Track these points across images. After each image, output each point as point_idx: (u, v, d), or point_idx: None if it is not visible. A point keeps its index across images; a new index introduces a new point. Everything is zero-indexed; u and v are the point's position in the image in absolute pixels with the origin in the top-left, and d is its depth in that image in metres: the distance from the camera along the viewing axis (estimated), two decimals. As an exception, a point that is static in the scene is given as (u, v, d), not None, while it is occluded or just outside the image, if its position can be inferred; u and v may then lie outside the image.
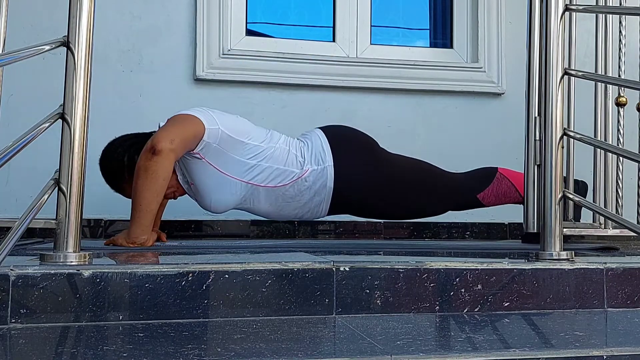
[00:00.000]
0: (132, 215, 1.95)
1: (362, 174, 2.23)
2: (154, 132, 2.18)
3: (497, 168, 2.36)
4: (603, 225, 2.12)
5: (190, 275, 1.31)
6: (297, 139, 2.28)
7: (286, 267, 1.37)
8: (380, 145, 2.35)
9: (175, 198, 2.23)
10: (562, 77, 1.62)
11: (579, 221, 2.31)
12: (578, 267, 1.50)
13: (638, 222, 2.12)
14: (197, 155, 2.07)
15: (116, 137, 2.23)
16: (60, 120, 1.38)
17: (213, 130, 2.06)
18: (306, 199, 2.21)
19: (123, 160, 2.16)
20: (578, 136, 1.66)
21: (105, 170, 2.19)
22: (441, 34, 3.28)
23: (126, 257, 1.58)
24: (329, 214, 2.31)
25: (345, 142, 2.27)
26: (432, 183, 2.32)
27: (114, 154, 2.18)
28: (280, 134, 2.25)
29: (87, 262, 1.34)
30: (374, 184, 2.24)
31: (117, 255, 1.62)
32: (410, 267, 1.42)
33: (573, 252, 1.59)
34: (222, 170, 2.11)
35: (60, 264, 1.32)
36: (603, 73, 2.13)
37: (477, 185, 2.33)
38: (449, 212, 2.47)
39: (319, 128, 2.32)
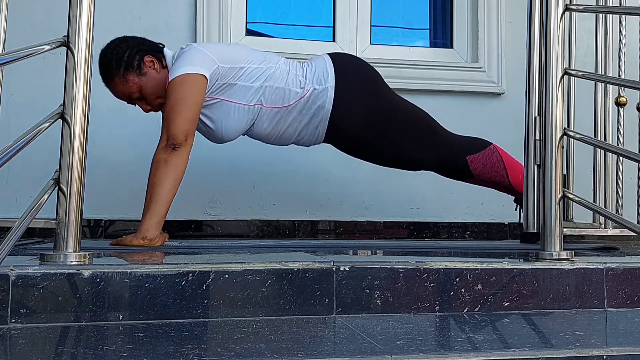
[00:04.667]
0: (147, 207, 1.95)
1: (361, 104, 2.20)
2: (161, 44, 2.21)
3: (492, 142, 2.36)
4: (603, 225, 2.13)
5: (190, 275, 1.31)
6: (300, 61, 2.27)
7: (286, 267, 1.37)
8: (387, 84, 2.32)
9: (146, 111, 2.21)
10: (562, 77, 1.62)
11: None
12: (578, 267, 1.50)
13: (638, 222, 2.13)
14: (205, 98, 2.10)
15: (124, 35, 2.21)
16: (60, 120, 1.38)
17: (213, 72, 2.09)
18: (306, 120, 2.19)
19: (123, 55, 2.13)
20: (578, 136, 1.66)
21: (103, 60, 2.15)
22: (441, 34, 3.28)
23: (129, 257, 1.58)
24: (325, 141, 2.28)
25: (351, 68, 2.25)
26: (427, 131, 2.29)
27: (116, 48, 2.15)
28: (280, 57, 2.25)
29: (87, 262, 1.34)
30: (372, 116, 2.21)
31: (120, 255, 1.62)
32: (410, 267, 1.42)
33: (573, 252, 1.59)
34: (229, 99, 2.13)
35: (60, 264, 1.31)
36: (603, 73, 2.14)
37: (468, 148, 2.31)
38: (449, 212, 2.47)
39: (328, 53, 2.31)
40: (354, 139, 2.26)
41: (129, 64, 2.12)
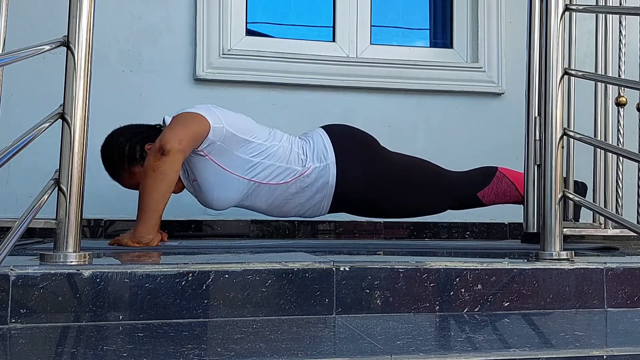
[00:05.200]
0: (139, 215, 1.96)
1: (363, 172, 2.24)
2: (158, 125, 2.19)
3: (497, 167, 2.36)
4: (603, 225, 2.12)
5: (190, 275, 1.31)
6: (300, 138, 2.28)
7: (286, 267, 1.37)
8: (381, 144, 2.35)
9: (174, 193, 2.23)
10: (562, 77, 1.62)
11: (579, 221, 2.31)
12: (578, 267, 1.50)
13: (638, 222, 2.12)
14: (201, 153, 2.08)
15: (120, 126, 2.24)
16: (60, 120, 1.38)
17: (218, 129, 2.06)
18: (308, 196, 2.21)
19: (124, 149, 2.16)
20: (578, 136, 1.66)
21: (106, 158, 2.19)
22: (441, 34, 3.28)
23: (129, 257, 1.58)
24: (330, 212, 2.31)
25: (347, 140, 2.28)
26: (433, 182, 2.32)
27: (115, 143, 2.18)
28: (283, 133, 2.26)
29: (87, 262, 1.34)
30: (375, 182, 2.24)
31: (120, 255, 1.62)
32: (410, 267, 1.42)
33: (573, 252, 1.59)
34: (225, 167, 2.11)
35: (60, 264, 1.31)
36: (603, 73, 2.13)
37: (477, 184, 2.33)
38: (449, 212, 2.47)
39: (321, 127, 2.33)
40: (361, 205, 2.31)
41: (131, 157, 2.15)
